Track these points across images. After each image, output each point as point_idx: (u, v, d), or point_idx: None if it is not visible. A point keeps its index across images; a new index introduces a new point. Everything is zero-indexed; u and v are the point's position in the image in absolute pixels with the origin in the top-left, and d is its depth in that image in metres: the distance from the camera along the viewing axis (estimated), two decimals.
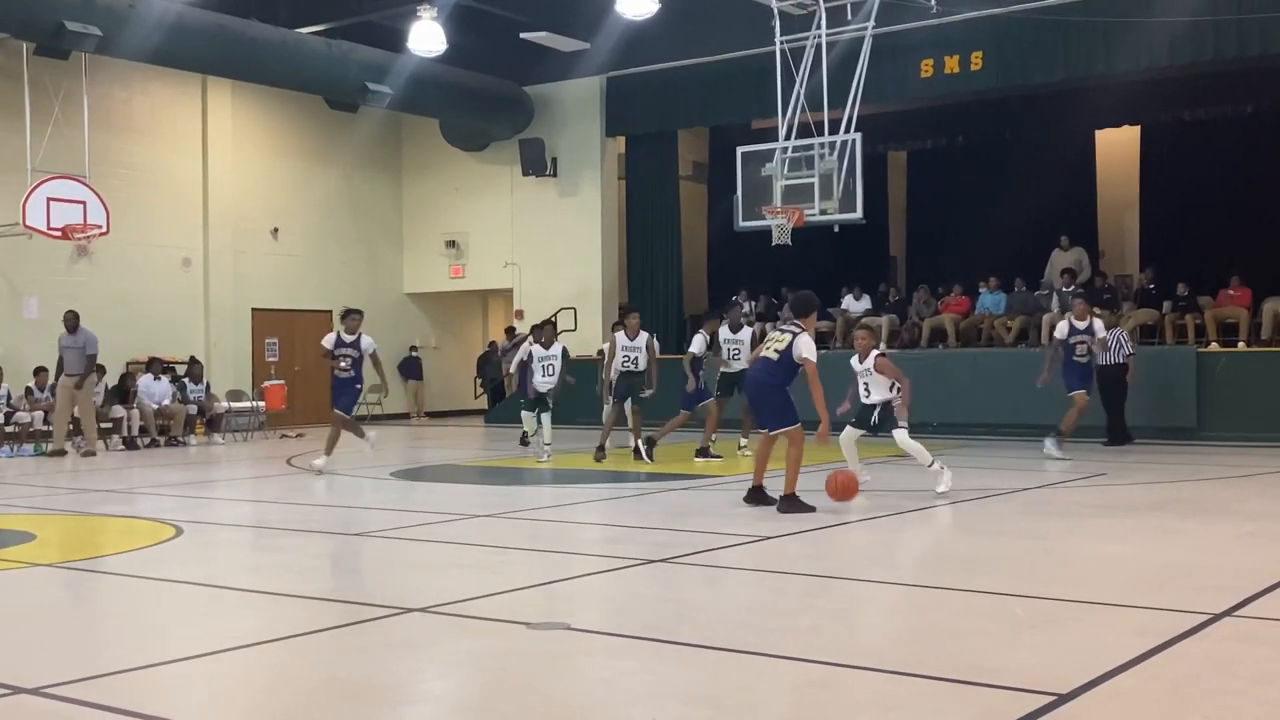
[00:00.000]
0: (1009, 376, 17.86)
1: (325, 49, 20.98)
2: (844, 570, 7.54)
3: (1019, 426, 17.12)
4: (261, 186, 23.86)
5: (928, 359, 19.32)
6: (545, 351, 15.44)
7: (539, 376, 15.24)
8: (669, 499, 11.38)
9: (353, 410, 14.62)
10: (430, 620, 6.07)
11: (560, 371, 15.41)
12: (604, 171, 24.01)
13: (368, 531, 9.16)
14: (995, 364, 18.48)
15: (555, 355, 15.44)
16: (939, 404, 18.26)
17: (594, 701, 4.69)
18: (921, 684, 4.79)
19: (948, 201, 22.83)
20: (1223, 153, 20.12)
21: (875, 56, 16.83)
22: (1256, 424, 16.04)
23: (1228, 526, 9.15)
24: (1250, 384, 16.30)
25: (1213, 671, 4.94)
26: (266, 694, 5.00)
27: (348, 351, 14.22)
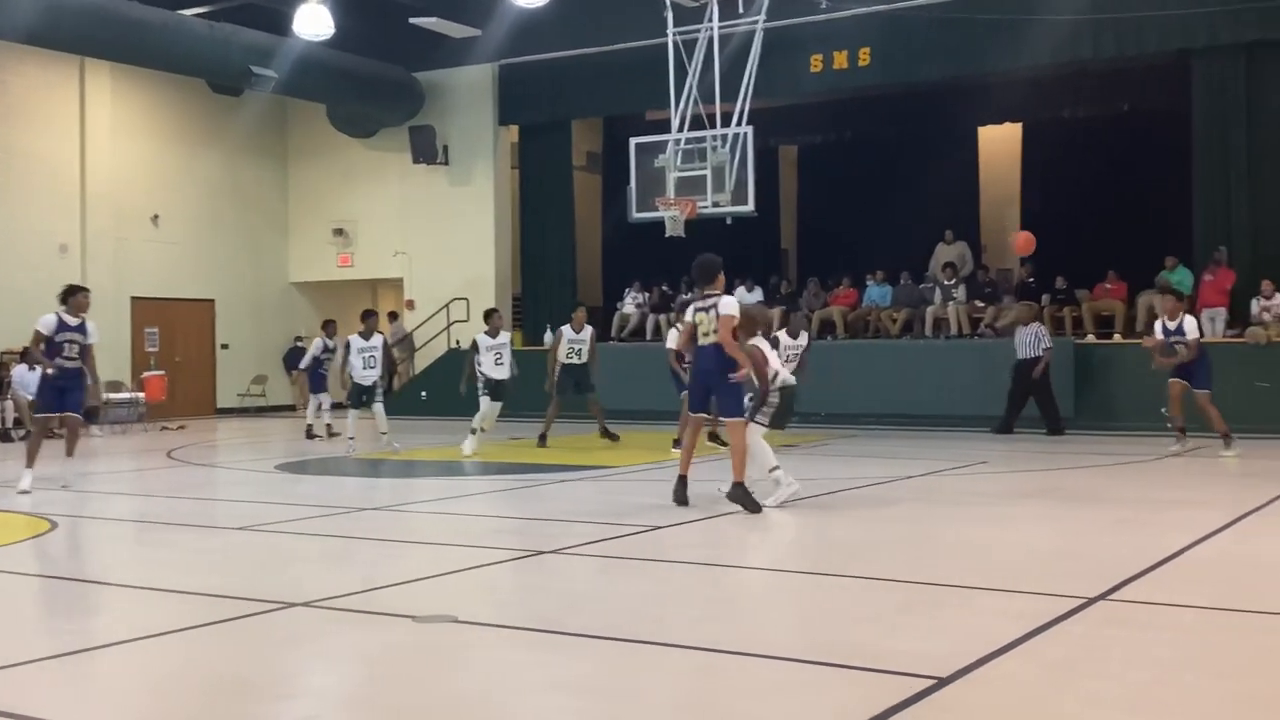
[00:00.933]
0: (894, 368, 18.21)
1: (208, 31, 20.46)
2: (732, 559, 7.60)
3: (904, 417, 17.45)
4: (142, 172, 23.22)
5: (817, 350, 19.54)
6: (365, 343, 15.07)
7: (360, 369, 14.95)
8: (562, 490, 11.35)
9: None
10: (314, 615, 5.97)
11: (472, 362, 15.23)
12: (497, 160, 23.83)
13: (250, 525, 8.97)
14: (881, 355, 18.82)
15: (375, 346, 15.10)
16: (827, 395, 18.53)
17: (482, 693, 4.66)
18: (807, 669, 4.85)
19: (837, 195, 23.13)
20: (1100, 150, 20.74)
21: (766, 51, 16.97)
22: (1131, 414, 16.55)
23: (1102, 513, 9.42)
24: (1125, 376, 16.80)
25: (1087, 654, 5.08)
26: (146, 691, 4.87)
27: (73, 337, 11.61)
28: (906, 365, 18.40)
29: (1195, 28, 17.77)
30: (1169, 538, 7.79)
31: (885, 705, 4.26)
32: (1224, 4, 17.38)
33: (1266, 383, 15.89)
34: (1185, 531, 8.01)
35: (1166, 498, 10.37)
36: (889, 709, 4.23)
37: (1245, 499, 9.66)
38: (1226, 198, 18.02)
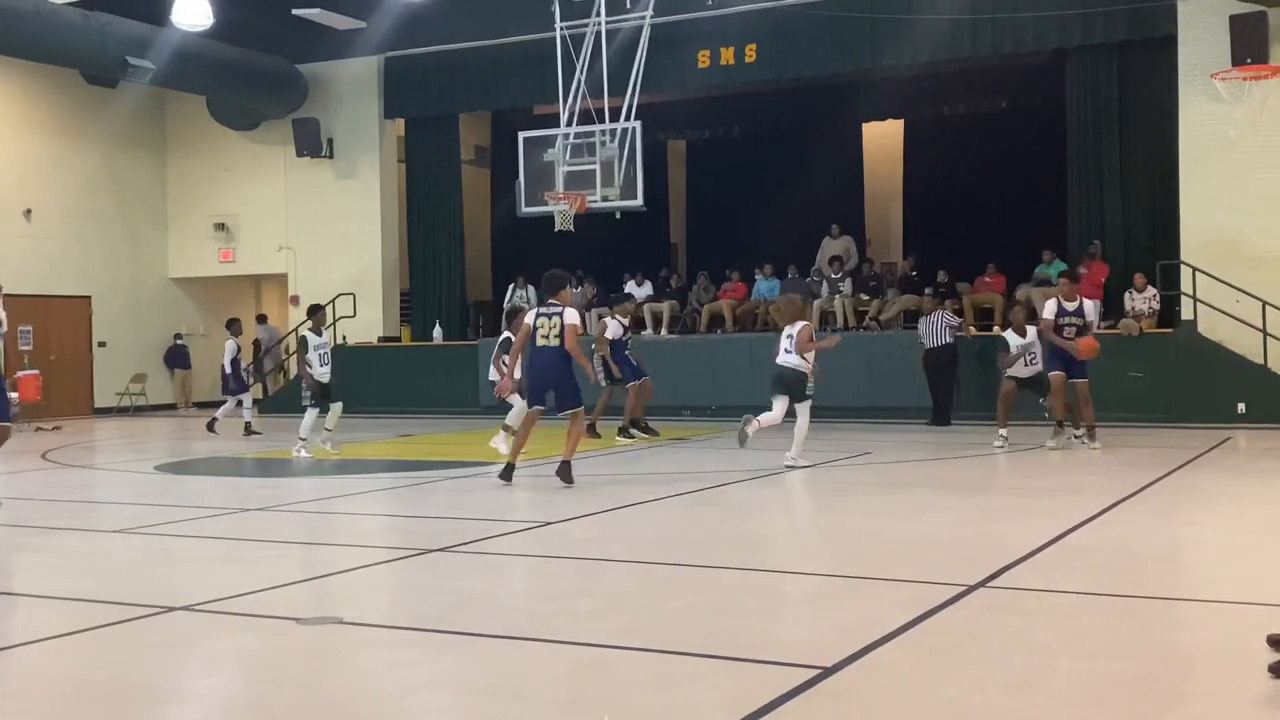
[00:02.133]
0: None
1: (82, 20, 19.82)
2: (620, 553, 7.61)
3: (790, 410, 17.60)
4: (12, 165, 22.42)
5: (706, 344, 19.72)
6: (319, 339, 14.42)
7: (318, 366, 14.45)
8: (448, 487, 11.26)
9: None
10: (194, 618, 5.83)
11: (303, 361, 14.40)
12: (383, 154, 23.51)
13: (130, 528, 8.73)
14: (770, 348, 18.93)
15: (326, 342, 14.49)
16: (717, 388, 18.69)
17: (367, 694, 4.60)
18: (694, 662, 4.88)
19: (726, 190, 23.32)
20: (980, 146, 21.24)
21: (654, 46, 17.05)
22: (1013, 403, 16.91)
23: (983, 501, 9.65)
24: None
25: (969, 640, 5.19)
26: (19, 700, 4.70)
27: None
28: None
29: (1070, 27, 18.27)
30: (1046, 525, 8.00)
31: (773, 695, 4.31)
32: (1098, 4, 17.91)
33: (1139, 373, 16.41)
34: (1061, 518, 8.23)
35: (1043, 485, 10.65)
36: (777, 698, 4.28)
37: (1118, 486, 9.96)
38: (1100, 193, 18.57)
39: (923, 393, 17.16)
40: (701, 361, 19.16)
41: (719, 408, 18.01)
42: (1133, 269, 17.77)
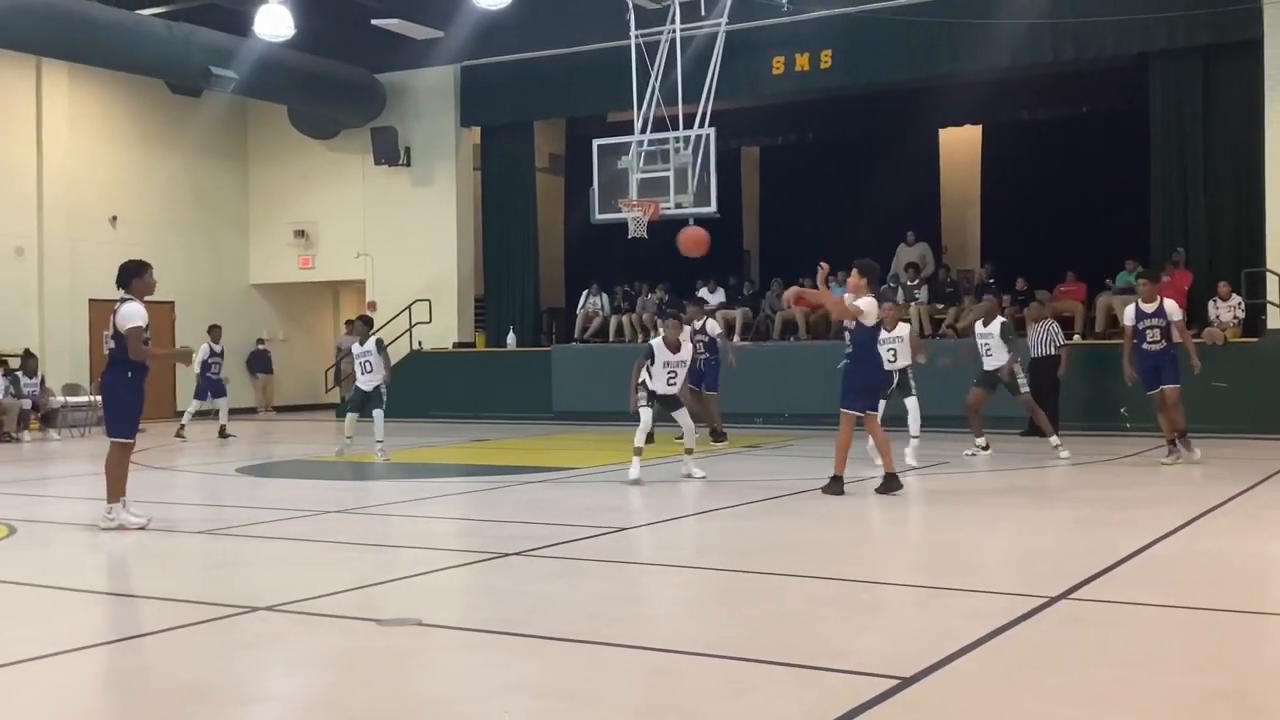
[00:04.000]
0: None
1: (166, 31, 20.28)
2: (694, 559, 7.61)
3: None
4: (100, 173, 22.98)
5: (780, 351, 19.64)
6: (361, 348, 14.55)
7: (359, 374, 14.58)
8: (523, 492, 11.32)
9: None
10: (277, 618, 5.93)
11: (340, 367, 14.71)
12: (459, 162, 23.76)
13: (212, 529, 8.90)
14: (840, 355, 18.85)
15: (370, 351, 14.49)
16: (790, 396, 18.61)
17: (445, 696, 4.64)
18: (769, 670, 4.86)
19: (799, 196, 23.23)
20: (1059, 152, 20.93)
21: (729, 53, 17.03)
22: (1094, 413, 16.68)
23: (1065, 512, 9.50)
24: (1088, 376, 16.92)
25: (1050, 653, 5.12)
26: (106, 697, 4.82)
27: None
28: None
29: (1153, 31, 17.96)
30: (1129, 536, 7.86)
31: (850, 705, 4.28)
32: (1181, 8, 17.59)
33: (1223, 383, 16.06)
34: (1145, 530, 8.09)
35: (1126, 497, 10.46)
36: (855, 708, 4.25)
37: (1202, 498, 9.77)
38: (1184, 200, 18.23)
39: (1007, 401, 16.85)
40: (774, 369, 19.08)
41: (792, 415, 17.93)
42: (1217, 277, 17.42)
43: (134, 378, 8.90)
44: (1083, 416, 16.61)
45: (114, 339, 8.87)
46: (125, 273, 9.01)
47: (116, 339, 8.85)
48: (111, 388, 8.95)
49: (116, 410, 8.94)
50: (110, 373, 8.98)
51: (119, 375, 8.89)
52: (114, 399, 8.95)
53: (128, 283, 8.95)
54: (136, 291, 8.92)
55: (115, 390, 8.92)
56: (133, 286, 8.92)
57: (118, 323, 8.76)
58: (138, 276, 8.97)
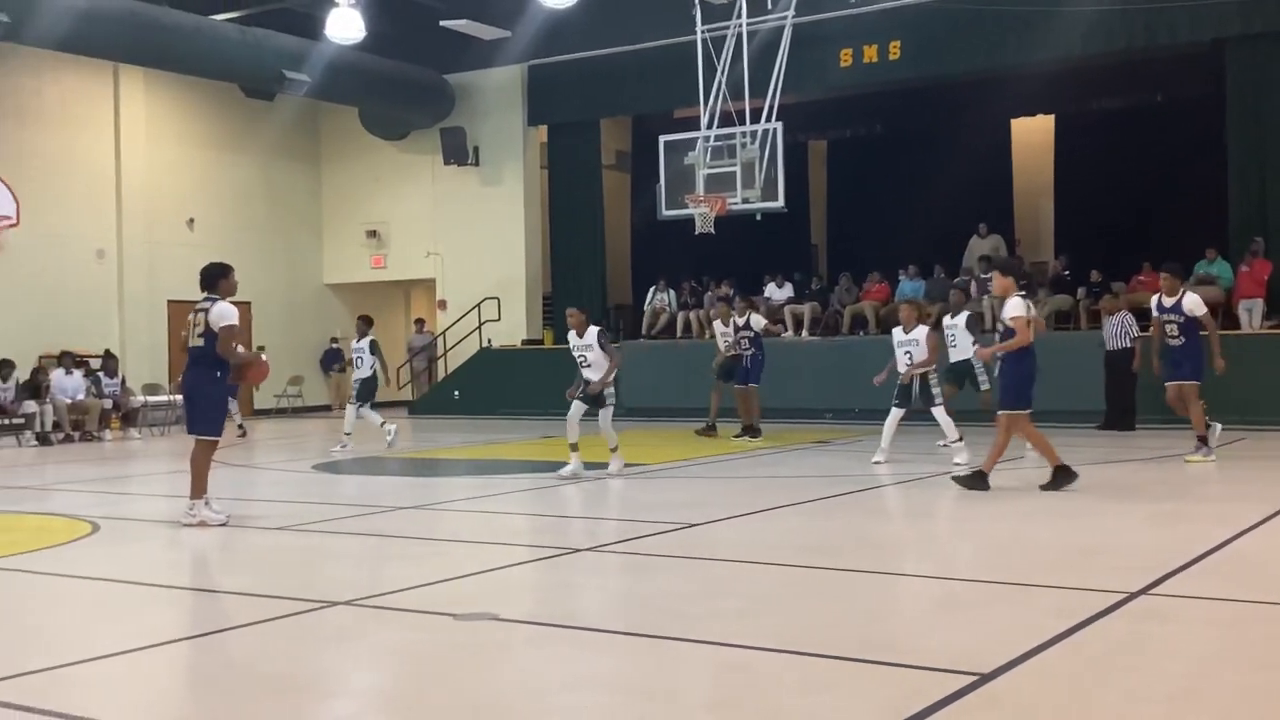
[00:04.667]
0: None
1: (240, 36, 20.63)
2: (766, 556, 7.59)
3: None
4: (176, 176, 23.43)
5: (849, 346, 19.52)
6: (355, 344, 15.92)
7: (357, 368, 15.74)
8: (593, 488, 11.38)
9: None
10: (355, 613, 6.02)
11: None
12: (526, 161, 23.91)
13: (290, 525, 9.05)
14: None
15: (361, 348, 15.80)
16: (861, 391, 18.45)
17: (521, 690, 4.69)
18: (845, 666, 4.85)
19: (867, 190, 23.07)
20: (1134, 141, 20.57)
21: (795, 46, 16.95)
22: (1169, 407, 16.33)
23: (1143, 507, 9.36)
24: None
25: (1129, 648, 5.05)
26: (190, 690, 4.93)
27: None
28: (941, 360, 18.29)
29: (1228, 16, 17.60)
30: (1208, 532, 7.73)
31: (927, 702, 4.25)
32: None
33: None
34: (1226, 525, 7.95)
35: (1206, 491, 10.29)
36: (933, 704, 4.22)
37: None
38: (1262, 188, 17.85)
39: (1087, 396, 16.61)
40: (844, 364, 18.96)
41: (862, 410, 17.79)
42: None
43: (221, 376, 9.06)
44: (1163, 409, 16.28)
45: (203, 337, 8.95)
46: (210, 275, 9.18)
47: (206, 337, 8.93)
48: (199, 386, 9.07)
49: (203, 408, 9.08)
50: (196, 371, 9.08)
51: (206, 374, 9.01)
52: (201, 397, 9.07)
53: (214, 284, 9.11)
54: (222, 292, 9.06)
55: (202, 388, 9.05)
56: (219, 287, 9.08)
57: (211, 320, 8.88)
58: (223, 278, 9.14)
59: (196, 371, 9.10)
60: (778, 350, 17.93)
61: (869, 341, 19.49)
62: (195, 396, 9.13)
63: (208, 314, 8.92)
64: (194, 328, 9.05)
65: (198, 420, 9.11)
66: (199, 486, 8.98)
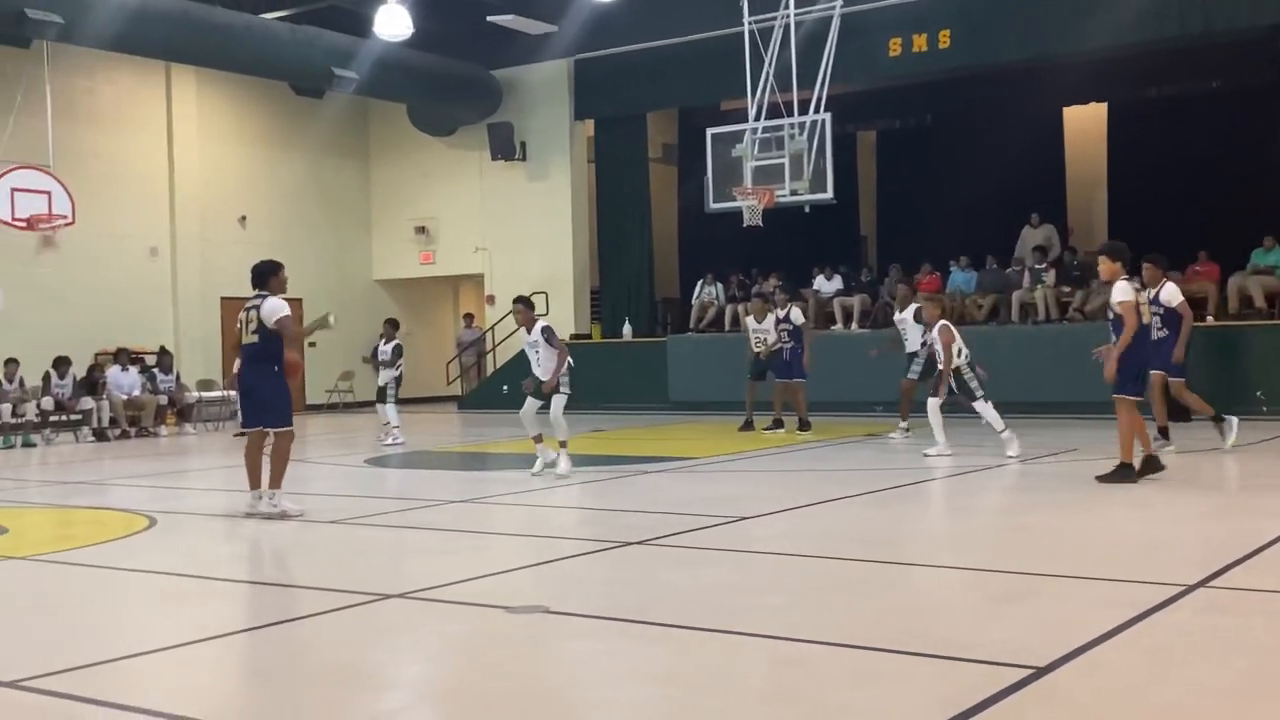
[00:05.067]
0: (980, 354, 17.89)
1: (290, 34, 20.80)
2: (818, 549, 7.56)
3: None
4: (228, 174, 23.68)
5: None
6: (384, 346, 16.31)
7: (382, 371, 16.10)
8: (642, 482, 11.38)
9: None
10: (408, 606, 6.06)
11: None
12: (573, 155, 23.93)
13: (342, 519, 9.12)
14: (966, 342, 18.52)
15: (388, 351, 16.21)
16: None
17: (573, 682, 4.70)
18: (899, 659, 4.81)
19: (917, 180, 22.87)
20: (1189, 129, 20.24)
21: (843, 36, 16.84)
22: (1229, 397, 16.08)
23: (1199, 498, 9.23)
24: (1217, 360, 16.39)
25: (1188, 642, 4.99)
26: (245, 682, 4.98)
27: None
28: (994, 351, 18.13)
29: None
30: (1266, 524, 7.60)
31: (984, 695, 4.21)
32: None
33: None
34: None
35: (1261, 484, 10.13)
36: (988, 698, 4.18)
37: None
38: None
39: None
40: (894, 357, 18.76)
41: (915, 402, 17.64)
42: None
43: (278, 370, 9.27)
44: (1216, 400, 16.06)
45: (256, 333, 9.17)
46: (261, 273, 9.41)
47: (260, 333, 9.15)
48: (263, 381, 9.27)
49: (273, 401, 9.29)
50: (257, 368, 9.27)
51: (266, 370, 9.21)
52: (268, 391, 9.27)
53: (265, 281, 9.35)
54: (273, 289, 9.30)
55: (267, 383, 9.25)
56: (270, 284, 9.31)
57: (264, 317, 9.10)
58: (274, 275, 9.38)
59: (253, 368, 9.31)
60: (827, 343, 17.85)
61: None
62: (260, 392, 9.32)
63: (259, 311, 9.14)
64: (247, 325, 9.26)
65: (268, 414, 9.31)
66: (279, 476, 9.22)
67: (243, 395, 9.60)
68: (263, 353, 9.18)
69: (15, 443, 17.63)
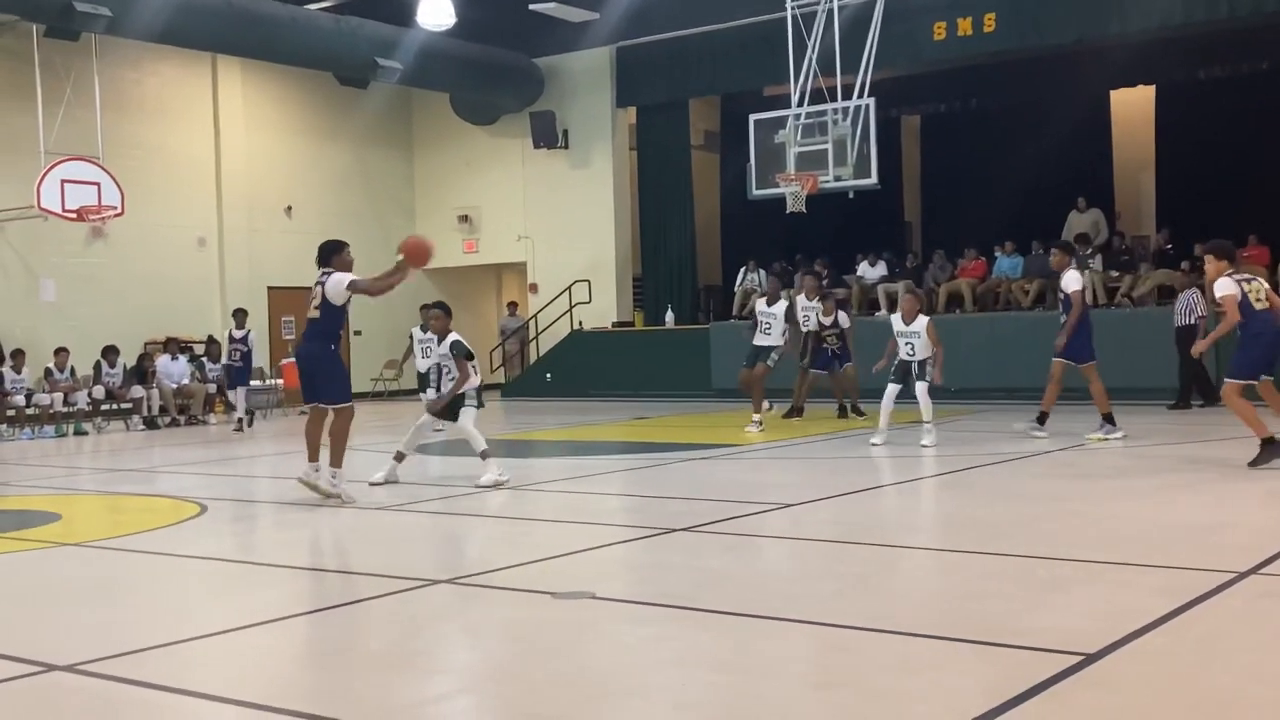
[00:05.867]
0: (1027, 340, 17.77)
1: (334, 25, 20.92)
2: (865, 535, 7.54)
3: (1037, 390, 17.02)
4: (274, 165, 23.87)
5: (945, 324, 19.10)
6: (424, 335, 15.16)
7: (420, 358, 15.49)
8: (686, 469, 11.39)
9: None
10: (456, 591, 6.10)
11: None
12: (615, 143, 23.93)
13: (388, 505, 9.20)
14: (1013, 328, 18.41)
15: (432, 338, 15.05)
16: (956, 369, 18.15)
17: (621, 668, 4.71)
18: (947, 646, 4.79)
19: (962, 165, 22.70)
20: (1238, 111, 19.96)
21: (887, 19, 16.74)
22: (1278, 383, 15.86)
23: (1250, 485, 9.12)
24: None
25: (1240, 629, 4.94)
26: (297, 666, 5.04)
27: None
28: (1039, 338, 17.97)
29: None
30: None
31: (1033, 681, 4.19)
32: None
33: None
34: None
35: None
36: (1037, 685, 4.16)
37: None
38: None
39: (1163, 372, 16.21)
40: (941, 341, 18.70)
41: (958, 390, 17.54)
42: None
43: (335, 349, 9.49)
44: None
45: (319, 309, 9.31)
46: (326, 250, 9.48)
47: (323, 309, 9.29)
48: (320, 360, 9.40)
49: (331, 378, 9.41)
50: (314, 346, 9.43)
51: (323, 348, 9.38)
52: (325, 369, 9.40)
53: (328, 260, 9.42)
54: (338, 267, 9.38)
55: (324, 362, 9.39)
56: (333, 262, 9.38)
57: (328, 292, 9.22)
58: (337, 253, 9.44)
59: (313, 345, 9.45)
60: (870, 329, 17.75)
61: (965, 320, 19.22)
62: (315, 369, 9.43)
63: (324, 287, 9.26)
64: (312, 300, 9.41)
65: (326, 391, 9.42)
66: (339, 455, 9.32)
67: (301, 371, 9.69)
68: (324, 329, 9.33)
69: (67, 431, 17.91)
